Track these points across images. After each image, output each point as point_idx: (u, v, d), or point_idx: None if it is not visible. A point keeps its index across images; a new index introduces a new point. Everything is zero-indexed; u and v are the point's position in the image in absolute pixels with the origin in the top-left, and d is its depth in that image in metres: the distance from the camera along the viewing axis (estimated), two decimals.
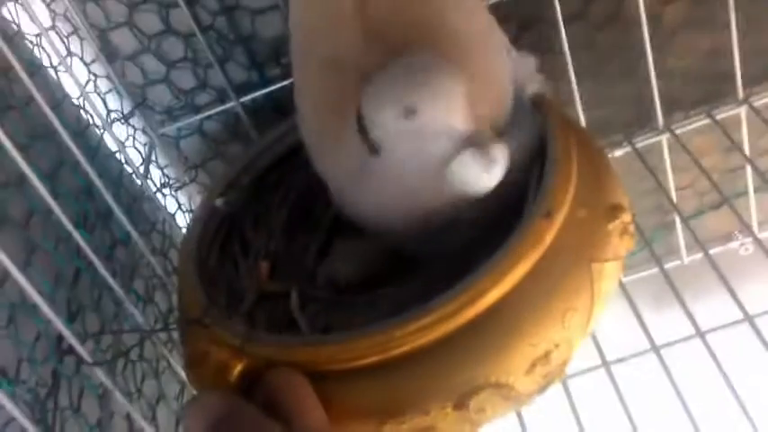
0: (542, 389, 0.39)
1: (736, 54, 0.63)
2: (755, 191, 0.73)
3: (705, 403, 0.50)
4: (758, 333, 0.50)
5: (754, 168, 0.66)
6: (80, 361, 0.42)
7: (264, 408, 0.36)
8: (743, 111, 0.67)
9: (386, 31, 0.41)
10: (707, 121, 0.68)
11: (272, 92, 0.63)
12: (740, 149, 0.67)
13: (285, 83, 0.62)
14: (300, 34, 0.45)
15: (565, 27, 0.59)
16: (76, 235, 0.45)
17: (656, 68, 0.63)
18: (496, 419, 0.39)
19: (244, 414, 0.35)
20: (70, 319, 0.46)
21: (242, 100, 0.63)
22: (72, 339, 0.41)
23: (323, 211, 0.54)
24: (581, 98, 0.63)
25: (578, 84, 0.62)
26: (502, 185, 0.41)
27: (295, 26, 0.46)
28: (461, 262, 0.41)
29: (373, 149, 0.40)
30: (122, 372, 0.49)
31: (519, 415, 0.52)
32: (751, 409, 0.47)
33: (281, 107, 0.64)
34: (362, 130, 0.40)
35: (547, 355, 0.38)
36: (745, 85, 0.66)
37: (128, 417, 0.48)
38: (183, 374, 0.54)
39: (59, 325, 0.40)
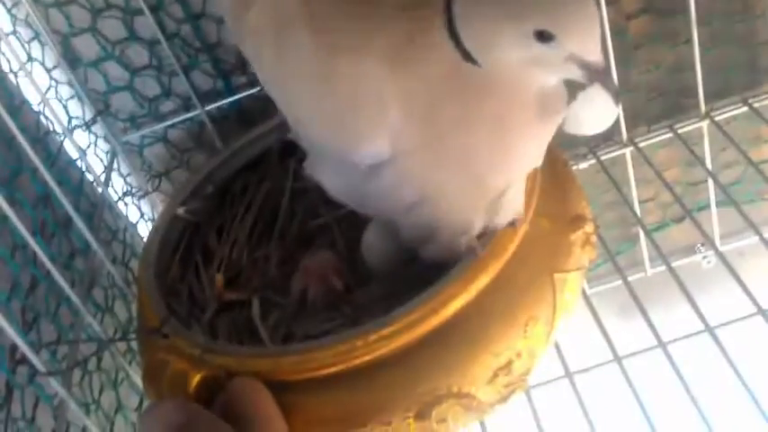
0: (504, 399, 0.39)
1: (698, 69, 0.64)
2: (717, 204, 0.73)
3: (667, 413, 0.50)
4: (718, 343, 0.50)
5: (716, 182, 0.67)
6: (34, 371, 0.41)
7: (223, 418, 0.35)
8: (705, 125, 0.68)
9: None
10: (670, 135, 0.69)
11: (237, 100, 0.62)
12: (702, 164, 0.68)
13: (251, 91, 0.62)
14: None
15: None
16: (33, 243, 0.44)
17: (620, 82, 0.63)
18: (458, 430, 0.39)
19: (202, 422, 0.34)
20: (25, 328, 0.45)
21: (207, 108, 0.62)
22: (25, 348, 0.40)
23: (287, 221, 0.54)
24: None
25: None
26: None
27: None
28: (424, 270, 0.41)
29: (468, 56, 0.34)
30: (79, 383, 0.48)
31: (482, 425, 0.52)
32: (710, 417, 0.48)
33: (246, 116, 0.64)
34: (453, 34, 0.34)
35: (509, 364, 0.38)
36: (707, 100, 0.67)
37: (84, 429, 0.47)
38: (141, 386, 0.53)
39: (12, 334, 0.39)
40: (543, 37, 0.32)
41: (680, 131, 0.68)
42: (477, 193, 0.39)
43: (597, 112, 0.36)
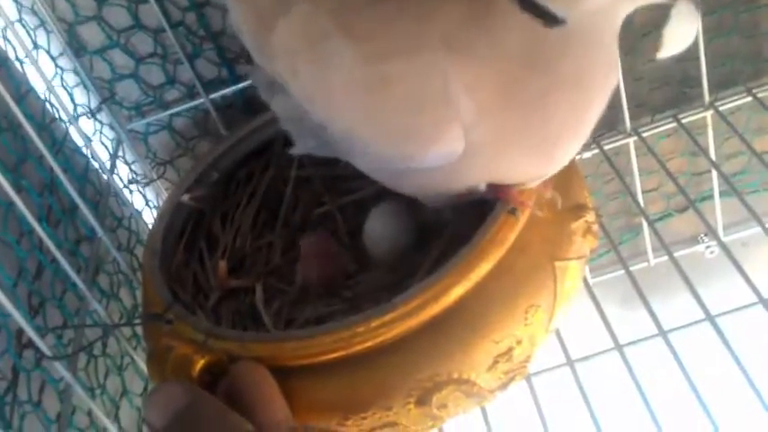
0: (505, 385, 0.40)
1: (702, 58, 0.64)
2: (721, 195, 0.74)
3: (667, 400, 0.50)
4: (719, 332, 0.51)
5: (720, 172, 0.67)
6: (40, 355, 0.42)
7: (226, 401, 0.36)
8: (709, 115, 0.68)
9: None
10: (673, 124, 0.69)
11: (241, 88, 0.63)
12: (706, 154, 0.68)
13: None
14: None
15: None
16: (39, 229, 0.45)
17: (624, 71, 0.63)
18: (459, 415, 0.39)
19: (206, 405, 0.34)
20: (31, 313, 0.46)
21: (211, 96, 0.63)
22: (32, 333, 0.40)
23: (291, 209, 0.54)
24: None
25: None
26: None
27: None
28: (423, 258, 0.41)
29: (552, 20, 0.32)
30: (85, 367, 0.49)
31: (484, 412, 0.52)
32: (710, 405, 0.48)
33: (250, 104, 0.64)
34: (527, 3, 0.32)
35: (509, 351, 0.39)
36: (711, 90, 0.67)
37: (90, 413, 0.47)
38: (146, 371, 0.53)
39: (19, 318, 0.39)
40: None
41: (684, 121, 0.68)
42: (543, 170, 0.39)
43: (691, 25, 0.34)
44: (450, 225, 0.45)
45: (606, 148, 0.69)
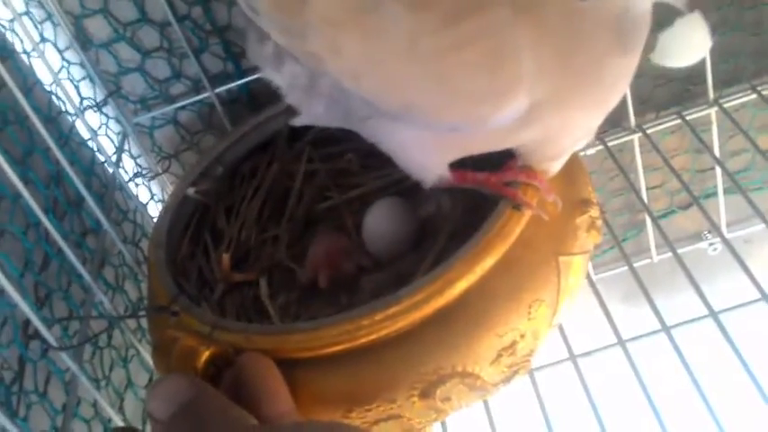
0: (508, 379, 0.40)
1: (707, 55, 0.64)
2: (725, 192, 0.74)
3: (669, 395, 0.51)
4: (721, 328, 0.51)
5: (724, 169, 0.67)
6: (46, 346, 0.42)
7: (231, 392, 0.36)
8: (713, 112, 0.68)
9: None
10: (678, 121, 0.69)
11: (247, 83, 0.63)
12: (710, 151, 0.68)
13: (261, 74, 0.62)
14: None
15: None
16: (45, 221, 0.45)
17: None
18: (462, 409, 0.40)
19: (210, 399, 0.34)
20: (38, 304, 0.46)
21: (217, 90, 0.63)
22: (38, 324, 0.40)
23: (296, 204, 0.54)
24: None
25: None
26: None
27: None
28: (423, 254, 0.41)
29: None
30: (90, 359, 0.49)
31: (486, 406, 0.52)
32: (713, 400, 0.48)
33: (255, 98, 0.64)
34: None
35: (513, 345, 0.39)
36: (715, 87, 0.67)
37: (95, 404, 0.47)
38: (151, 363, 0.54)
39: (26, 309, 0.40)
40: None
41: (688, 118, 0.68)
42: (594, 124, 0.39)
43: (691, 42, 0.34)
44: (451, 221, 0.45)
45: (610, 144, 0.69)
